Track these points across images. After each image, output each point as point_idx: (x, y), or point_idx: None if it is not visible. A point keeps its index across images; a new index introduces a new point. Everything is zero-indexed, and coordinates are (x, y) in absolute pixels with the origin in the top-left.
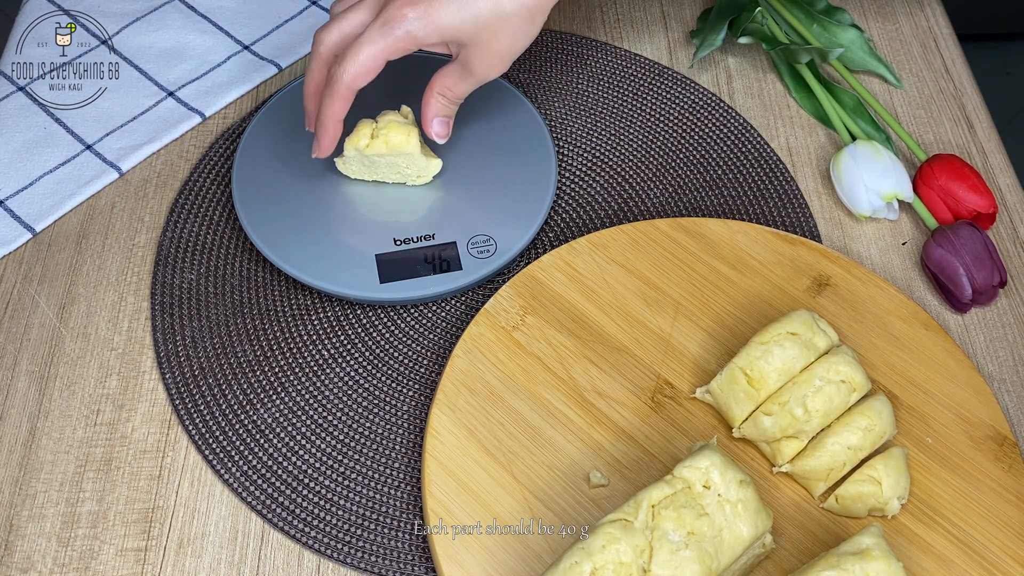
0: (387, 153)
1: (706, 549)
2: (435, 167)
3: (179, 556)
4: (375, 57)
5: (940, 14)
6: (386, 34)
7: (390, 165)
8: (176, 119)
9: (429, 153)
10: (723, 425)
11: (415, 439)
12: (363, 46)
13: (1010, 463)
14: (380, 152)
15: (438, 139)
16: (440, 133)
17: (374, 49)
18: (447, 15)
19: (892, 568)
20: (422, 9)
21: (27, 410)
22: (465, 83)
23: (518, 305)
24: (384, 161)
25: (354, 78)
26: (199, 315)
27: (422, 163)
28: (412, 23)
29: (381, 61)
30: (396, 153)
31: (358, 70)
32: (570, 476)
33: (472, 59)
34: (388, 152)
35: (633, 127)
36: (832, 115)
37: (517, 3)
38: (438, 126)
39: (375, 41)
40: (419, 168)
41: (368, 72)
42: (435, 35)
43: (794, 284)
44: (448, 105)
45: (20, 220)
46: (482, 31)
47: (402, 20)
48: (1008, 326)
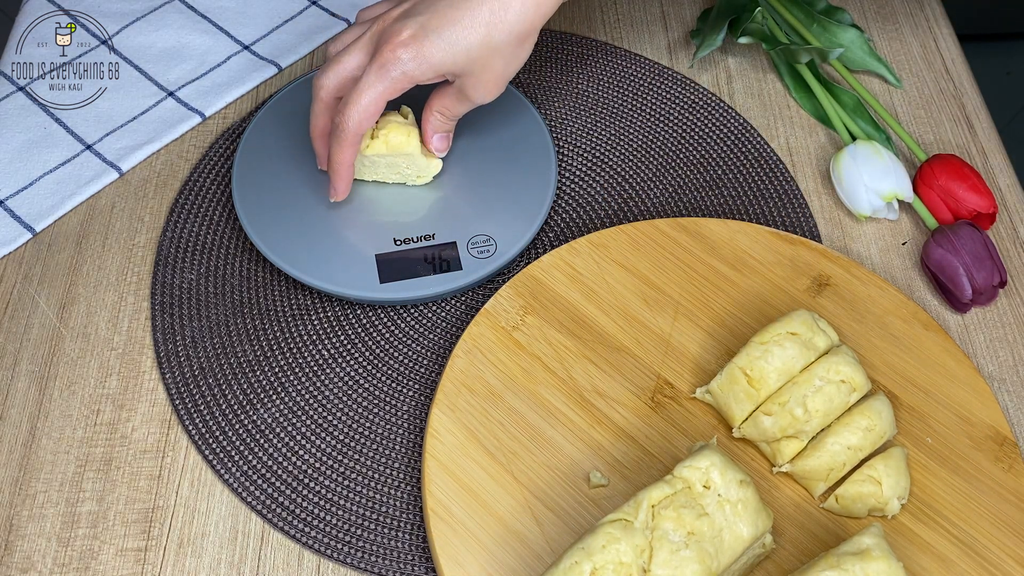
0: (387, 154)
1: (706, 549)
2: (435, 167)
3: (179, 556)
4: (375, 101)
5: (940, 14)
6: (383, 77)
7: (390, 165)
8: (176, 119)
9: (429, 153)
10: (723, 425)
11: (415, 439)
12: (363, 92)
13: (1010, 463)
14: (380, 153)
15: (439, 153)
16: (440, 148)
17: (373, 94)
18: (439, 53)
19: (892, 568)
20: (414, 50)
21: (27, 410)
22: (462, 105)
23: (518, 305)
24: (384, 161)
25: (359, 124)
26: (199, 315)
27: (422, 163)
28: (407, 64)
29: (382, 103)
30: (396, 154)
31: (361, 116)
32: (570, 476)
33: (467, 87)
34: (388, 153)
35: (633, 127)
36: (832, 115)
37: (506, 33)
38: (438, 142)
39: (374, 85)
40: (419, 168)
41: (371, 116)
42: (430, 72)
43: (794, 284)
44: (446, 122)
45: (20, 220)
46: (474, 63)
47: (397, 62)
48: (1008, 326)
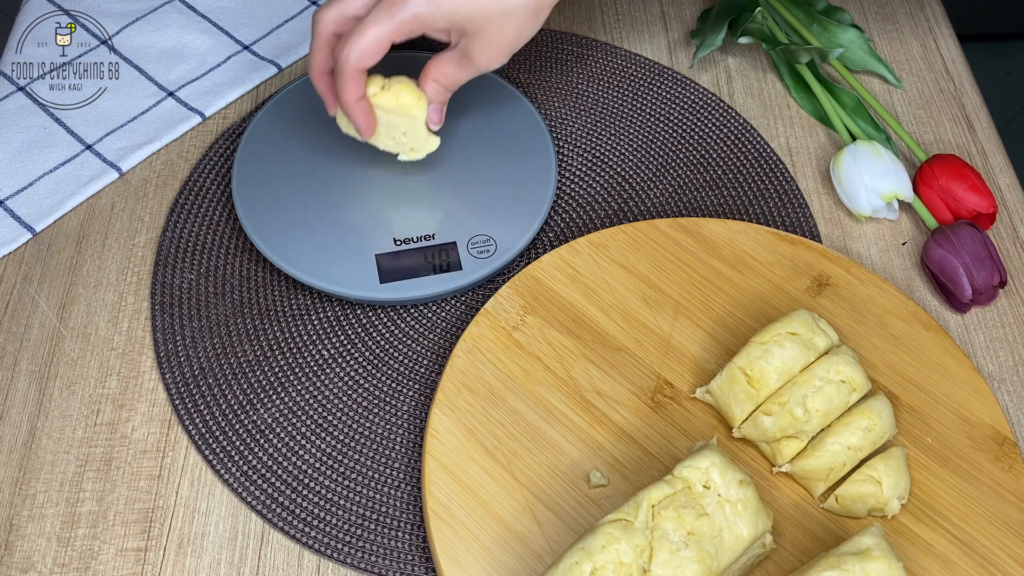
0: (392, 110)
1: (706, 549)
2: (432, 144)
3: (179, 556)
4: (380, 38)
5: (940, 14)
6: (392, 15)
7: (389, 126)
8: (176, 119)
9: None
10: (723, 425)
11: (415, 439)
12: (368, 27)
13: (1010, 463)
14: (386, 106)
15: (432, 126)
16: (433, 120)
17: (380, 30)
18: (454, 1)
19: (892, 568)
20: None
21: (27, 410)
22: (462, 71)
23: (518, 305)
24: (385, 119)
25: (359, 59)
26: (199, 315)
27: (422, 134)
28: (420, 5)
29: (387, 43)
30: (401, 113)
31: (363, 51)
32: (570, 476)
33: (473, 48)
34: (394, 109)
35: (633, 127)
36: (832, 115)
37: None
38: (432, 114)
39: (381, 22)
40: (417, 139)
41: (373, 53)
42: (441, 19)
43: (794, 284)
44: (443, 92)
45: (20, 220)
46: (487, 21)
47: (409, 2)
48: (1008, 326)
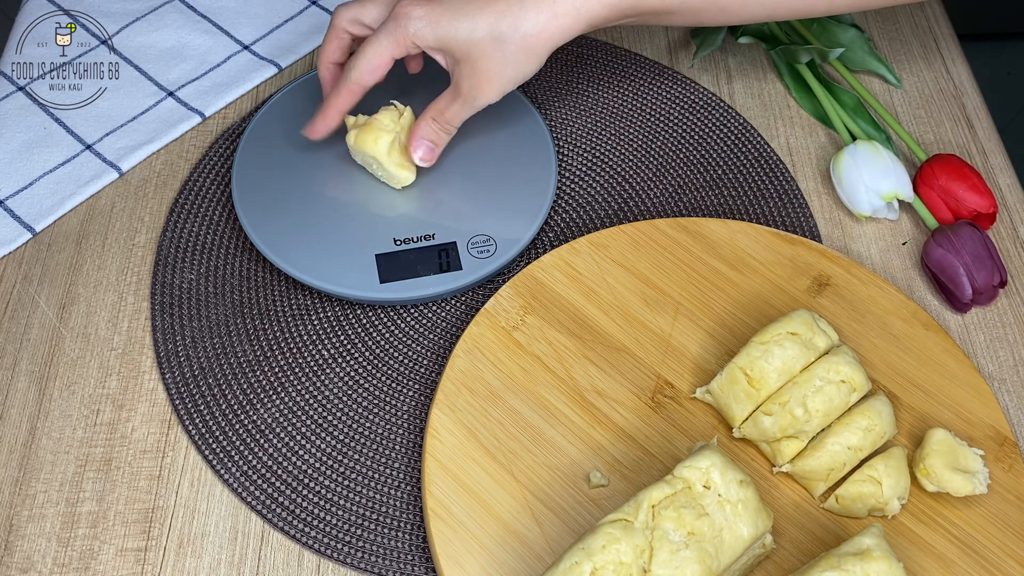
0: (352, 146)
1: (706, 549)
2: (406, 179)
3: (179, 556)
4: (381, 56)
5: (940, 14)
6: (391, 32)
7: (365, 162)
8: (176, 119)
9: (403, 164)
10: (723, 425)
11: (415, 439)
12: (370, 44)
13: (1010, 463)
14: (349, 143)
15: (421, 163)
16: (423, 157)
17: (380, 48)
18: (447, 22)
19: (893, 568)
20: (426, 10)
21: (27, 410)
22: (454, 104)
23: (518, 305)
24: (361, 154)
25: (361, 75)
26: (199, 315)
27: (392, 170)
28: (416, 22)
29: (388, 59)
30: (362, 151)
31: (366, 67)
32: (570, 476)
33: (463, 78)
34: (353, 145)
35: (633, 127)
36: (832, 115)
37: (513, 28)
38: (422, 150)
39: (381, 40)
40: (388, 174)
41: (376, 70)
42: (432, 39)
43: (794, 284)
44: (437, 131)
45: (20, 220)
46: (475, 47)
47: (406, 19)
48: (1008, 326)
